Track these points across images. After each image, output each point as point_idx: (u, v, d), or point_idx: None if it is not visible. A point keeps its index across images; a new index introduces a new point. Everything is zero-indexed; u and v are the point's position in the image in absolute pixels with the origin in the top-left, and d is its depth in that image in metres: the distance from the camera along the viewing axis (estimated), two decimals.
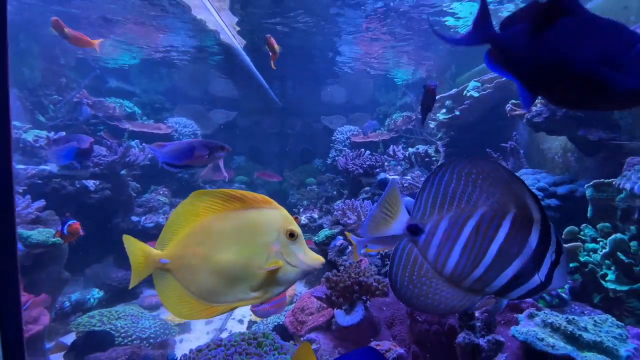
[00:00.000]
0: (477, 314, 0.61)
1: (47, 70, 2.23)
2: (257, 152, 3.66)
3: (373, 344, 0.63)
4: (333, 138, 2.84)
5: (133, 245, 0.44)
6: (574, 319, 0.63)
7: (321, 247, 1.23)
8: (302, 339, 0.90)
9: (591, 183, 0.86)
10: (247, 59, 2.50)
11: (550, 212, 0.93)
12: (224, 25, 1.80)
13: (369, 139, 2.55)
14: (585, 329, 0.61)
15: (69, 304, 1.40)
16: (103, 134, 2.08)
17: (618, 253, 0.74)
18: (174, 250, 0.45)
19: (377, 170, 1.67)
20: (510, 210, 0.43)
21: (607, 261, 0.75)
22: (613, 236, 0.74)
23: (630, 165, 0.78)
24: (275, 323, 1.30)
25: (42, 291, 1.18)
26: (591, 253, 0.80)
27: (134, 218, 1.89)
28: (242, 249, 0.48)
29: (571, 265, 0.83)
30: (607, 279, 0.74)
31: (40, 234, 1.24)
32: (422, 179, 1.61)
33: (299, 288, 1.52)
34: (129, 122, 2.32)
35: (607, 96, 0.39)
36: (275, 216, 0.50)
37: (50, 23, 1.19)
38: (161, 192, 2.05)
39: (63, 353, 1.15)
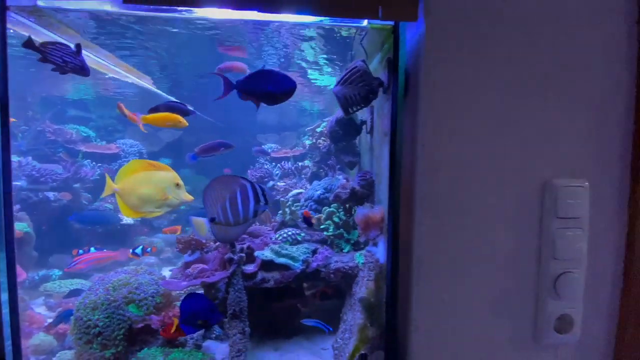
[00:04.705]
0: (239, 246, 1.23)
1: (17, 106, 2.74)
2: (203, 166, 4.22)
3: (193, 265, 1.25)
4: (267, 154, 3.50)
5: (108, 181, 1.09)
6: (284, 245, 1.28)
7: None
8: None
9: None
10: (172, 99, 3.07)
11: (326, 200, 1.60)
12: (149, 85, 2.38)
13: (284, 154, 3.22)
14: (287, 249, 1.25)
15: (38, 277, 1.99)
16: (62, 155, 2.62)
17: (333, 217, 1.41)
18: (120, 185, 1.10)
19: (266, 179, 2.34)
20: (237, 188, 1.04)
21: (328, 221, 1.42)
22: (327, 209, 1.42)
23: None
24: None
25: (21, 264, 1.77)
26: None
27: None
28: (152, 188, 1.11)
29: (321, 227, 1.48)
30: (329, 230, 1.40)
31: (19, 225, 1.86)
32: (297, 184, 2.27)
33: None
34: (84, 144, 2.89)
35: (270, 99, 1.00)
36: (170, 175, 1.15)
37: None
38: (109, 201, 2.61)
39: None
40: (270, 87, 0.97)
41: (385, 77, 1.06)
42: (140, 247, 1.87)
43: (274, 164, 2.84)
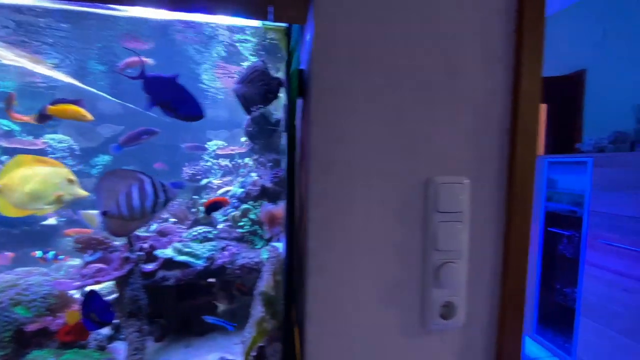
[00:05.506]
0: (139, 245, 1.21)
1: None
2: (148, 163, 4.07)
3: (90, 265, 1.20)
4: (206, 151, 3.43)
5: None
6: (188, 243, 1.27)
7: None
8: None
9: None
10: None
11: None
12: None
13: (230, 151, 3.17)
14: (191, 247, 1.24)
15: None
16: None
17: (249, 214, 1.42)
18: (4, 182, 1.01)
19: (198, 177, 2.29)
20: (134, 182, 1.01)
21: (244, 219, 1.42)
22: (243, 206, 1.42)
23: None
24: None
25: None
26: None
27: None
28: (43, 184, 1.04)
29: (240, 224, 1.49)
30: (244, 228, 1.41)
31: None
32: (231, 181, 2.24)
33: None
34: (5, 139, 2.68)
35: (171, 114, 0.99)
36: (62, 171, 1.08)
37: None
38: None
39: None
40: (175, 104, 0.94)
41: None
42: (53, 252, 1.74)
43: (216, 161, 2.79)
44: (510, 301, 1.02)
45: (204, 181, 2.33)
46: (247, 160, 2.54)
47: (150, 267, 1.17)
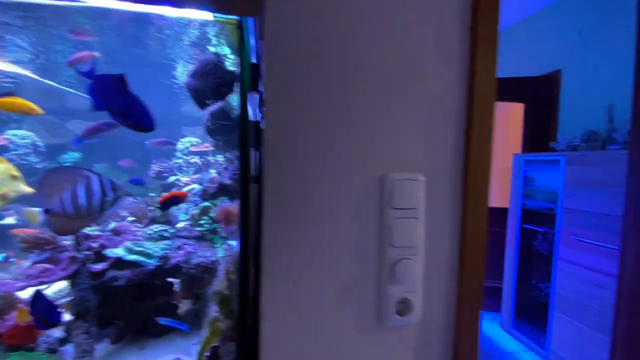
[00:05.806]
0: (87, 244, 1.16)
1: None
2: (118, 159, 3.94)
3: (36, 265, 1.15)
4: (175, 147, 3.35)
5: None
6: (140, 242, 1.23)
7: None
8: None
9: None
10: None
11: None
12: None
13: (204, 148, 3.10)
14: (143, 246, 1.20)
15: None
16: None
17: (209, 212, 1.38)
18: None
19: (165, 174, 2.24)
20: (79, 179, 0.96)
21: (204, 217, 1.39)
22: (203, 204, 1.39)
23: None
24: None
25: None
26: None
27: None
28: None
29: (200, 222, 1.45)
30: (204, 226, 1.38)
31: None
32: (200, 178, 2.20)
33: None
34: None
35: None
36: (5, 166, 1.02)
37: None
38: None
39: None
40: (124, 111, 0.89)
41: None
42: (3, 254, 1.64)
43: (186, 158, 2.73)
44: (467, 297, 1.02)
45: (172, 178, 2.27)
46: (219, 157, 2.48)
47: (98, 267, 1.13)
